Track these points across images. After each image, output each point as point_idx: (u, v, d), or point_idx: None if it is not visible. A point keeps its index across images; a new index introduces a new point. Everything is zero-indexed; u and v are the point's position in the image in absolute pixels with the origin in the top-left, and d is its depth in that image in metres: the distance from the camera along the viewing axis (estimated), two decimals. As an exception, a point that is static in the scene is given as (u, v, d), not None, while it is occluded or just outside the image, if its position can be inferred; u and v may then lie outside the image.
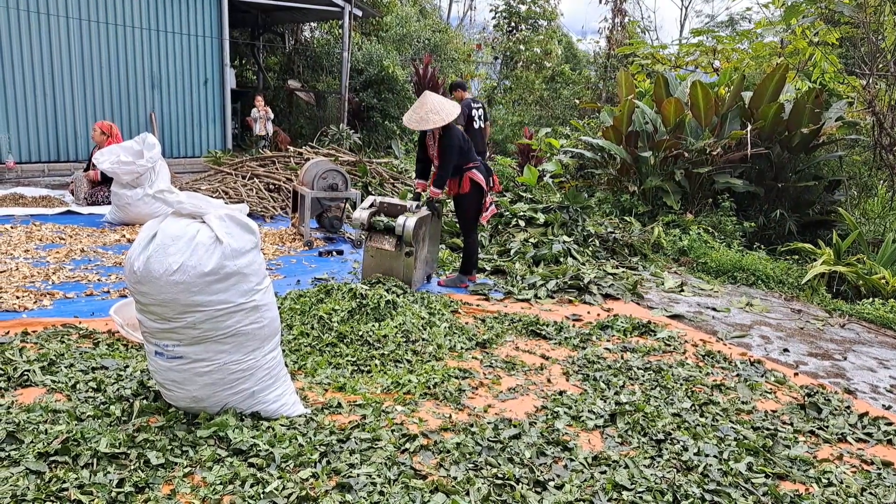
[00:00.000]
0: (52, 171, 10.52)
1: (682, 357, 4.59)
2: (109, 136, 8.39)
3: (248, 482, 2.61)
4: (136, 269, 2.87)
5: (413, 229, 5.47)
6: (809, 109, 8.96)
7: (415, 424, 3.24)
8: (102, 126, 8.49)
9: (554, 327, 5.00)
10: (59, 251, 6.24)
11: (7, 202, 8.47)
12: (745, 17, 23.71)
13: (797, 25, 10.29)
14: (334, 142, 12.84)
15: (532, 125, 16.84)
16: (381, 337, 4.31)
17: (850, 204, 9.75)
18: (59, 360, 3.67)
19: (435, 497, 2.60)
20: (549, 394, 3.80)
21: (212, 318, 2.91)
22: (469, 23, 28.48)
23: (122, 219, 7.61)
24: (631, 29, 20.59)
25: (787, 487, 2.92)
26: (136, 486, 2.54)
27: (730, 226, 8.66)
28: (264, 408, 3.15)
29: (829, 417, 3.73)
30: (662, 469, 2.98)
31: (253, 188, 9.12)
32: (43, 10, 10.10)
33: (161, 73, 11.57)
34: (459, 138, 5.66)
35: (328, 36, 18.00)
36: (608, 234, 7.89)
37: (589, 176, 11.31)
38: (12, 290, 5.03)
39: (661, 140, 9.41)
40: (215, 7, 11.91)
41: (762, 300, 6.46)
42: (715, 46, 13.38)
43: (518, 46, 21.62)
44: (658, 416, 3.51)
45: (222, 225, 2.95)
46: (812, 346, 5.22)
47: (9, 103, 10.09)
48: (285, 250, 7.04)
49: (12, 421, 2.87)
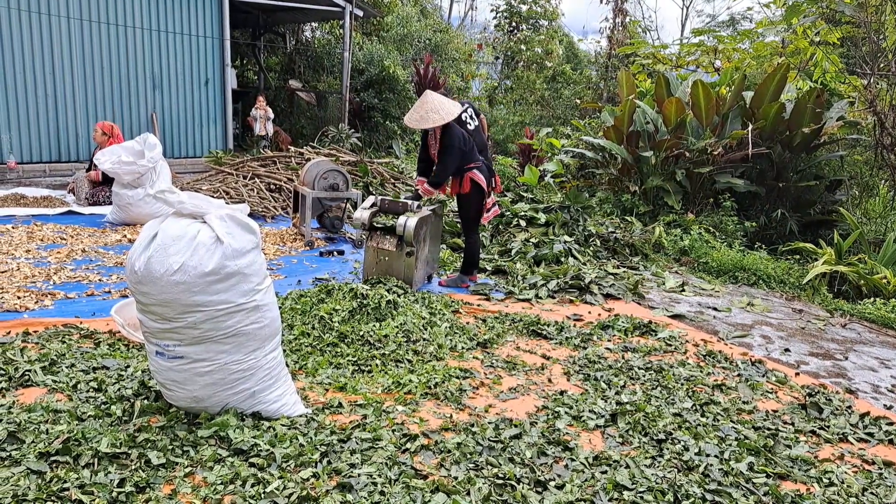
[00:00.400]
0: (53, 172, 10.54)
1: (683, 357, 4.59)
2: (111, 136, 8.40)
3: (249, 482, 2.61)
4: (137, 270, 2.87)
5: (414, 229, 5.47)
6: (811, 109, 8.96)
7: (415, 424, 3.24)
8: (104, 126, 8.50)
9: (555, 327, 5.00)
10: (61, 251, 6.24)
11: (8, 202, 8.48)
12: (746, 16, 23.68)
13: (798, 25, 10.29)
14: (335, 142, 12.85)
15: (533, 125, 16.82)
16: (381, 337, 4.31)
17: (852, 204, 9.75)
18: (60, 360, 3.67)
19: (436, 497, 2.60)
20: (550, 394, 3.80)
21: (212, 319, 2.91)
22: (470, 23, 28.48)
23: (123, 219, 7.62)
24: (632, 29, 20.59)
25: (789, 487, 2.92)
26: (136, 485, 2.55)
27: (731, 225, 8.65)
28: (265, 408, 3.15)
29: (830, 417, 3.73)
30: (663, 469, 2.98)
31: (254, 188, 9.12)
32: (45, 10, 10.11)
33: (162, 74, 11.58)
34: (459, 138, 5.66)
35: (329, 36, 18.01)
36: (609, 234, 7.89)
37: (590, 176, 11.31)
38: (14, 290, 5.04)
39: (663, 140, 9.40)
40: (216, 7, 11.92)
41: (763, 300, 6.45)
42: (716, 46, 13.38)
43: (519, 46, 21.63)
44: (659, 416, 3.50)
45: (223, 225, 2.95)
46: (813, 345, 5.21)
47: (10, 103, 10.10)
48: (286, 250, 7.05)
49: (13, 421, 2.88)
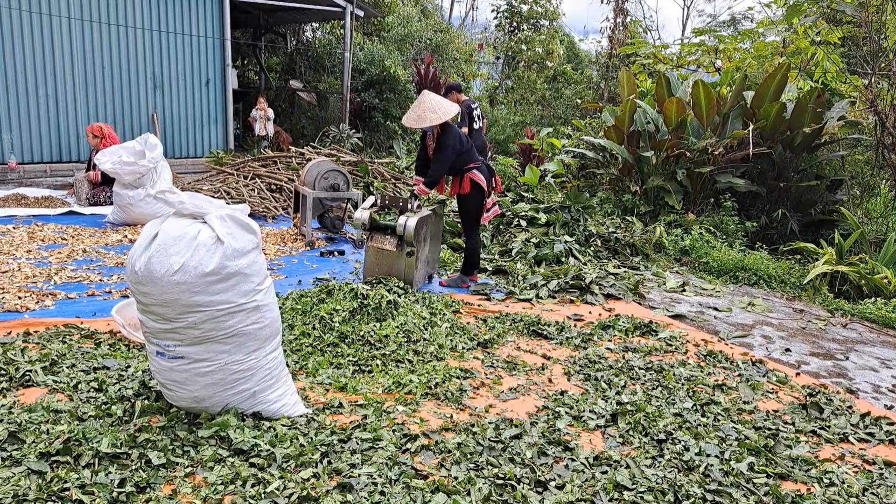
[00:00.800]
0: (54, 172, 10.54)
1: (684, 357, 4.59)
2: (102, 137, 8.39)
3: (250, 482, 2.61)
4: (138, 270, 2.87)
5: (414, 229, 5.48)
6: (811, 109, 8.95)
7: (416, 424, 3.24)
8: (93, 129, 8.48)
9: (555, 327, 5.00)
10: (62, 251, 6.25)
11: (9, 202, 8.49)
12: (746, 16, 23.68)
13: (799, 25, 10.28)
14: (336, 142, 12.84)
15: (534, 125, 16.80)
16: (382, 337, 4.31)
17: (853, 203, 9.74)
18: (60, 360, 3.67)
19: (436, 497, 2.60)
20: (551, 394, 3.80)
21: (213, 319, 2.91)
22: (471, 23, 28.44)
23: (123, 219, 7.62)
24: (633, 29, 20.59)
25: (789, 487, 2.92)
26: (137, 486, 2.55)
27: (731, 225, 8.64)
28: (265, 408, 3.15)
29: (830, 417, 3.73)
30: (664, 469, 2.98)
31: (255, 188, 9.12)
32: (45, 10, 10.11)
33: (163, 74, 11.58)
34: (455, 138, 5.66)
35: (330, 36, 18.00)
36: (610, 234, 7.89)
37: (591, 176, 11.31)
38: (14, 290, 5.04)
39: (663, 140, 9.40)
40: (217, 8, 11.91)
41: (764, 300, 6.45)
42: (717, 46, 13.38)
43: (520, 46, 21.61)
44: (659, 416, 3.50)
45: (223, 225, 2.95)
46: (814, 345, 5.21)
47: (11, 104, 10.11)
48: (287, 250, 7.05)
49: (14, 421, 2.88)
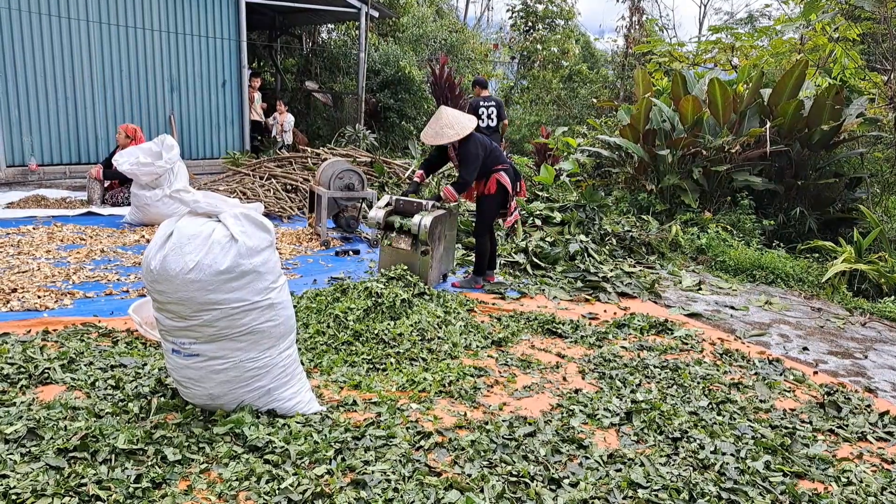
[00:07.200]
0: (73, 174, 10.65)
1: (700, 355, 4.55)
2: (133, 139, 8.48)
3: (264, 479, 2.63)
4: (153, 268, 2.90)
5: (429, 228, 5.49)
6: (830, 106, 8.85)
7: (430, 422, 3.24)
8: (127, 129, 8.57)
9: (570, 326, 4.98)
10: (80, 251, 6.32)
11: (29, 203, 8.60)
12: (764, 13, 23.45)
13: (817, 21, 10.17)
14: (351, 142, 12.87)
15: (549, 124, 16.74)
16: (396, 335, 4.32)
17: (872, 201, 9.60)
18: (78, 358, 3.72)
19: (449, 494, 2.61)
20: (565, 392, 3.79)
21: (227, 316, 2.93)
22: (486, 23, 28.46)
23: (141, 219, 7.69)
24: (649, 27, 20.46)
25: (806, 486, 2.89)
26: (153, 481, 2.57)
27: (748, 224, 8.57)
28: (280, 405, 3.17)
29: (848, 416, 3.68)
30: (678, 467, 2.96)
31: (270, 189, 9.17)
32: (64, 13, 10.23)
33: (180, 76, 11.68)
34: (478, 146, 5.70)
35: (345, 37, 18.06)
36: (625, 233, 7.85)
37: (606, 174, 11.26)
38: (34, 289, 5.11)
39: (679, 138, 9.33)
40: (233, 9, 11.99)
41: (781, 298, 6.39)
42: (733, 43, 13.26)
43: (535, 46, 21.54)
44: (674, 415, 3.48)
45: (237, 223, 2.97)
46: (832, 344, 5.15)
47: (31, 107, 10.24)
48: (302, 250, 7.08)
49: (33, 417, 2.92)
